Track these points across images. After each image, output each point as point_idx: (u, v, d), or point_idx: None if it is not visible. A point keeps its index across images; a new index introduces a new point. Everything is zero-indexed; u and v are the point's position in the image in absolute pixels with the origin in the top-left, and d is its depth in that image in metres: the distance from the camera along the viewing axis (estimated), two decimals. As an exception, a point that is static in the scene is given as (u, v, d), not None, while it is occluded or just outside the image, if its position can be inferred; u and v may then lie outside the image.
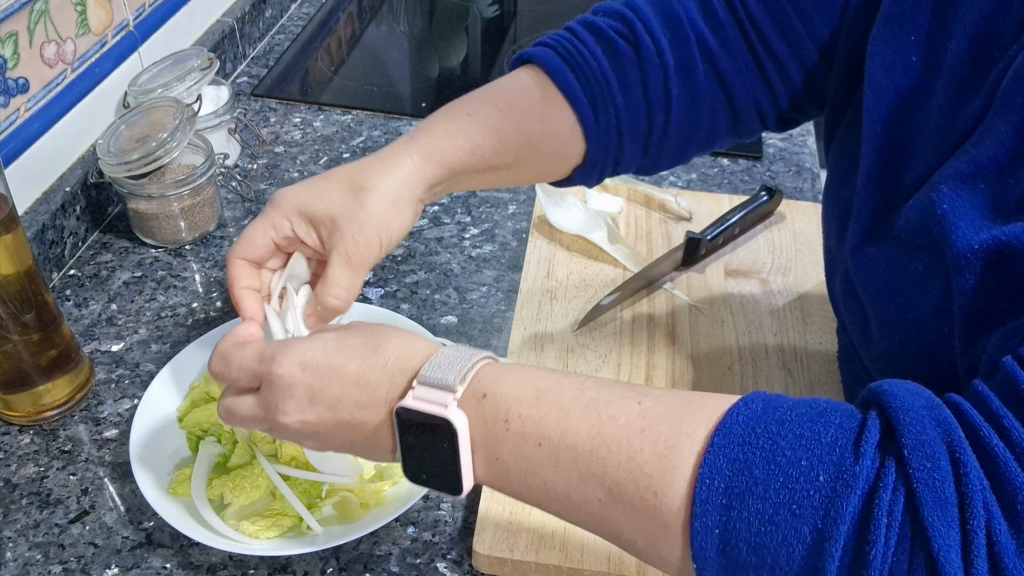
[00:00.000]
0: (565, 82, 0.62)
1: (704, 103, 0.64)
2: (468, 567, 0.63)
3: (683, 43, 0.62)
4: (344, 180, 0.58)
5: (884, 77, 0.55)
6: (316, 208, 0.57)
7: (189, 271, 0.87)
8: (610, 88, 0.62)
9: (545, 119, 0.62)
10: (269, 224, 0.58)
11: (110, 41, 0.93)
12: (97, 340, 0.79)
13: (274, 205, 0.59)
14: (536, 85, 0.62)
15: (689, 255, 0.83)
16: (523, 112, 0.62)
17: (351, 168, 0.59)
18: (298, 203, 0.58)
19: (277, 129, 1.06)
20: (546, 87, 0.62)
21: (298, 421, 0.49)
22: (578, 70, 0.62)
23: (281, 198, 0.59)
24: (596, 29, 0.64)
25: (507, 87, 0.63)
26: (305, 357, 0.49)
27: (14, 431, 0.71)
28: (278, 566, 0.63)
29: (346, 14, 1.31)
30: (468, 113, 0.61)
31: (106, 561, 0.63)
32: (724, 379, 0.73)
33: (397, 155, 0.59)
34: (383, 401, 0.47)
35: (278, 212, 0.58)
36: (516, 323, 0.78)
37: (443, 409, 0.45)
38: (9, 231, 0.64)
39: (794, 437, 0.39)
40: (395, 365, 0.48)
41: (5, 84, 0.79)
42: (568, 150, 0.63)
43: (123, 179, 0.84)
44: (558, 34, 0.65)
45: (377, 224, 0.57)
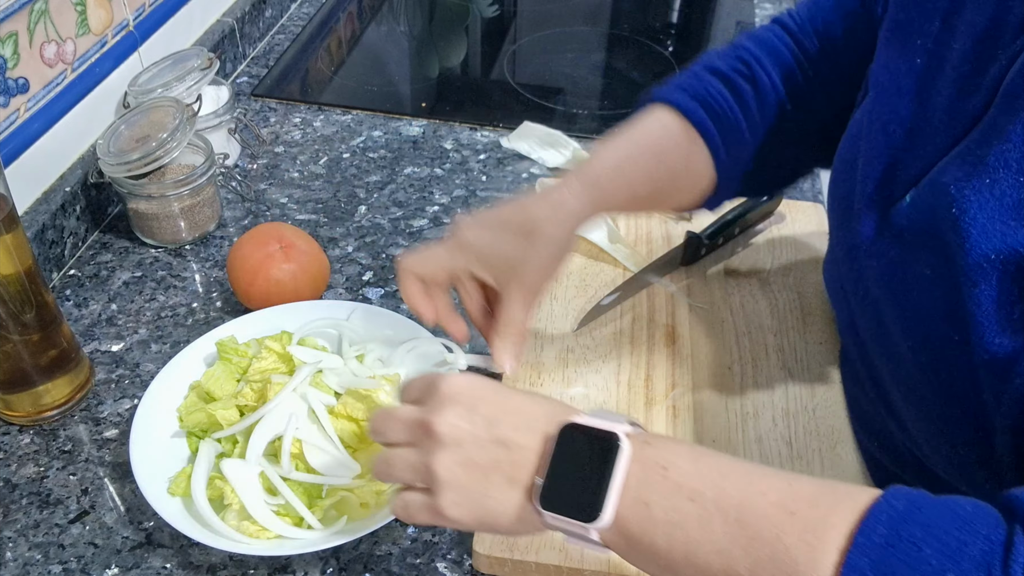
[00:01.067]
0: (703, 126, 0.67)
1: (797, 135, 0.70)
2: (468, 567, 0.63)
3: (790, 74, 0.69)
4: (522, 229, 0.61)
5: (888, 79, 0.56)
6: (496, 258, 0.62)
7: (189, 271, 0.87)
8: (740, 127, 0.68)
9: (688, 160, 0.67)
10: (450, 258, 0.63)
11: (110, 41, 0.93)
12: (97, 340, 0.79)
13: (461, 246, 0.62)
14: (679, 128, 0.67)
15: (689, 255, 0.83)
16: (672, 156, 0.67)
17: (526, 214, 0.62)
18: (480, 250, 0.62)
19: (277, 129, 1.06)
20: (687, 130, 0.67)
21: (451, 426, 0.48)
22: (712, 113, 0.67)
23: (466, 241, 0.62)
24: (717, 71, 0.69)
25: (655, 132, 0.67)
26: (475, 380, 0.50)
27: (14, 431, 0.71)
28: (278, 566, 0.63)
29: (346, 14, 1.31)
30: (628, 158, 0.66)
31: (106, 561, 0.63)
32: (724, 379, 0.73)
33: (567, 203, 0.62)
34: (540, 430, 0.47)
35: (461, 253, 0.62)
36: (516, 323, 0.78)
37: (615, 430, 0.45)
38: (9, 231, 0.64)
39: (939, 545, 0.38)
40: (556, 407, 0.49)
41: (5, 84, 0.79)
42: (703, 184, 0.69)
43: (123, 179, 0.84)
44: (684, 78, 0.70)
45: (549, 270, 0.63)
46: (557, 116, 1.10)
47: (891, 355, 0.56)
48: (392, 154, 1.02)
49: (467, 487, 0.47)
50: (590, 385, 0.73)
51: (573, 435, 0.46)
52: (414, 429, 0.49)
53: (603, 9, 1.38)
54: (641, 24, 1.33)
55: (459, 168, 1.00)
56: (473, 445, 0.48)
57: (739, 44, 0.72)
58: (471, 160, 1.01)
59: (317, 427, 0.65)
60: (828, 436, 0.69)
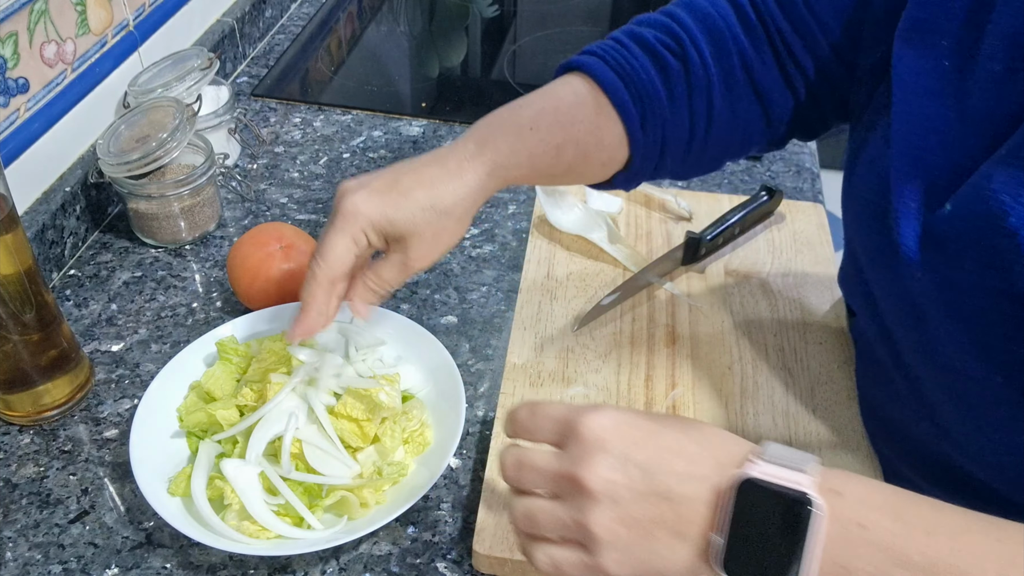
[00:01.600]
0: (619, 96, 0.63)
1: (741, 113, 0.65)
2: (468, 567, 0.63)
3: (725, 55, 0.64)
4: (417, 197, 0.58)
5: (913, 80, 0.54)
6: (393, 226, 0.58)
7: (189, 271, 0.87)
8: (660, 102, 0.63)
9: (599, 132, 0.63)
10: (351, 240, 0.58)
11: (110, 41, 0.93)
12: (97, 340, 0.79)
13: (349, 218, 0.58)
14: (591, 97, 0.63)
15: (689, 255, 0.83)
16: (581, 126, 0.62)
17: (422, 181, 0.59)
18: (374, 219, 0.58)
19: (277, 129, 1.06)
20: (600, 100, 0.63)
21: (604, 480, 0.44)
22: (630, 84, 0.63)
23: (356, 211, 0.58)
24: (644, 42, 0.64)
25: (564, 99, 0.63)
26: (619, 414, 0.46)
27: (14, 431, 0.71)
28: (278, 566, 0.63)
29: (346, 14, 1.31)
30: (531, 127, 0.61)
31: (106, 561, 0.63)
32: (724, 379, 0.73)
33: (465, 171, 0.59)
34: (708, 480, 0.43)
35: (357, 226, 0.58)
36: (516, 323, 0.78)
37: (802, 485, 0.41)
38: (9, 231, 0.64)
39: None
40: (717, 441, 0.45)
41: (5, 84, 0.79)
42: (615, 159, 0.65)
43: (123, 179, 0.84)
44: (606, 45, 0.65)
45: (442, 242, 0.60)
46: (557, 116, 1.10)
47: (943, 368, 0.53)
48: (392, 154, 1.02)
49: (630, 545, 0.43)
50: (590, 385, 0.73)
51: (754, 494, 0.41)
52: (559, 482, 0.45)
53: (603, 9, 1.38)
54: (641, 24, 1.33)
55: (459, 168, 1.00)
56: (632, 501, 0.43)
57: (673, 13, 0.66)
58: (471, 160, 1.01)
59: (317, 427, 0.65)
60: (828, 436, 0.69)
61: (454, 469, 0.69)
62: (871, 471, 0.66)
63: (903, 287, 0.54)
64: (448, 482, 0.68)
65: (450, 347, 0.76)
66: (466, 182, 0.59)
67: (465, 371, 0.76)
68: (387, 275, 0.60)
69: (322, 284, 0.59)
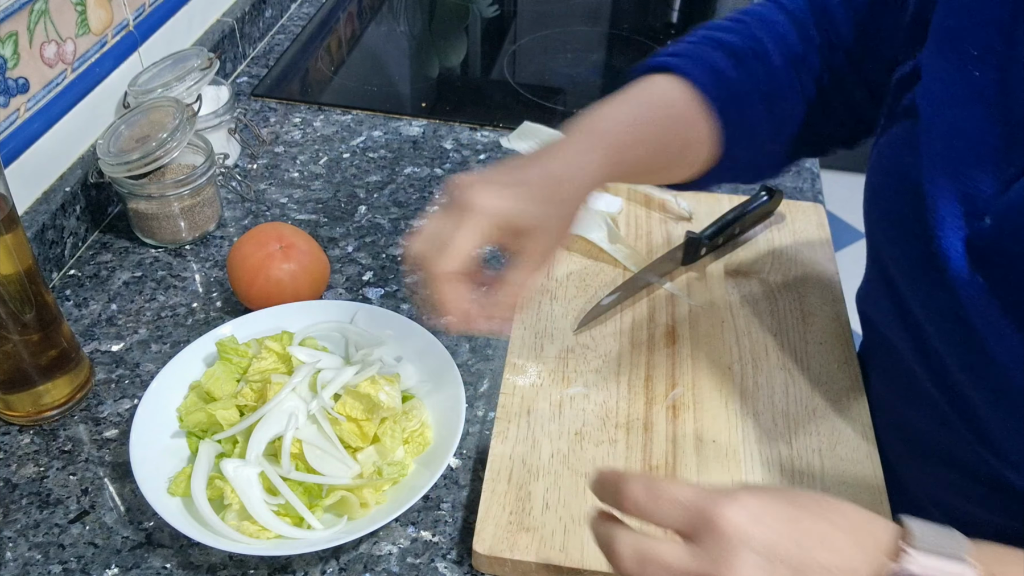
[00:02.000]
0: (710, 94, 0.64)
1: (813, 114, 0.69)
2: (468, 567, 0.63)
3: (797, 58, 0.67)
4: (543, 190, 0.56)
5: (943, 90, 0.54)
6: (521, 220, 0.55)
7: (189, 271, 0.87)
8: (750, 107, 0.65)
9: (697, 132, 0.64)
10: (474, 235, 0.54)
11: (110, 41, 0.93)
12: (97, 340, 0.79)
13: (479, 214, 0.54)
14: (683, 95, 0.64)
15: (689, 255, 0.83)
16: (681, 126, 0.64)
17: (546, 174, 0.57)
18: (503, 213, 0.54)
19: (277, 129, 1.06)
20: (692, 98, 0.64)
21: None
22: (719, 83, 0.64)
23: (485, 205, 0.54)
24: (724, 44, 0.66)
25: (660, 97, 0.64)
26: (759, 502, 0.42)
27: (14, 431, 0.71)
28: (278, 566, 0.63)
29: (346, 14, 1.31)
30: (644, 122, 0.62)
31: (106, 561, 0.63)
32: (724, 379, 0.73)
33: (586, 164, 0.58)
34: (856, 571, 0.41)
35: (485, 221, 0.54)
36: (516, 323, 0.78)
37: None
38: (9, 231, 0.64)
39: None
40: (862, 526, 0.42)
41: (5, 84, 0.79)
42: (702, 157, 0.66)
43: (123, 179, 0.84)
44: (686, 47, 0.67)
45: (564, 234, 0.59)
46: (557, 116, 1.10)
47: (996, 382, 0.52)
48: (392, 154, 1.02)
49: None
50: (590, 385, 0.73)
51: None
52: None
53: (603, 9, 1.38)
54: (641, 24, 1.33)
55: (459, 168, 1.00)
56: None
57: (743, 20, 0.68)
58: (471, 160, 1.01)
59: (317, 427, 0.65)
60: (828, 436, 0.69)
61: (454, 469, 0.69)
62: (871, 471, 0.66)
63: (951, 303, 0.52)
64: (448, 482, 0.68)
65: (450, 347, 0.76)
66: (587, 173, 0.58)
67: (465, 371, 0.76)
68: (518, 278, 0.56)
69: (452, 281, 0.55)
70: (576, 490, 0.65)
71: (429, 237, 0.55)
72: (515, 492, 0.64)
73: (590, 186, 0.58)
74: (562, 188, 0.57)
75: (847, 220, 2.44)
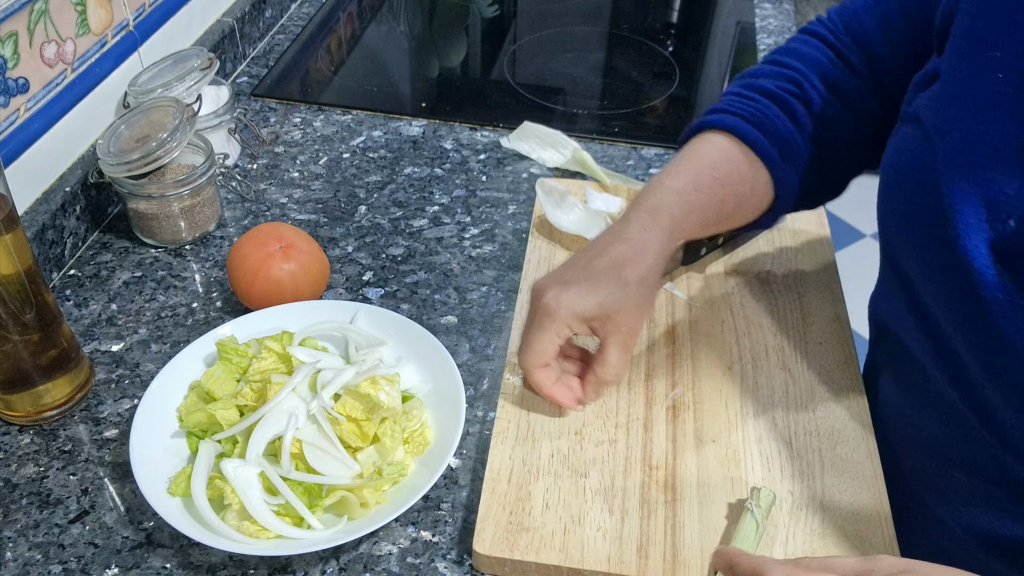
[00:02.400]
0: (760, 146, 0.69)
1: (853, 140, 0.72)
2: (468, 567, 0.63)
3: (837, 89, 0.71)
4: (611, 278, 0.64)
5: (965, 93, 0.53)
6: (593, 312, 0.63)
7: (189, 271, 0.87)
8: (795, 143, 0.70)
9: (751, 182, 0.69)
10: (555, 336, 0.64)
11: (110, 41, 0.93)
12: (97, 340, 0.79)
13: (555, 318, 0.63)
14: (737, 151, 0.69)
15: (689, 255, 0.83)
16: (736, 179, 0.69)
17: (614, 263, 0.64)
18: (577, 312, 0.63)
19: (277, 129, 1.06)
20: (745, 152, 0.69)
21: None
22: (767, 132, 0.69)
23: (559, 309, 0.63)
24: (766, 91, 0.71)
25: (716, 157, 0.69)
26: None
27: (14, 431, 0.71)
28: (278, 566, 0.63)
29: (346, 14, 1.31)
30: (695, 188, 0.67)
31: (106, 561, 0.63)
32: (724, 379, 0.73)
33: (648, 242, 0.65)
34: None
35: (562, 323, 0.64)
36: (516, 323, 0.78)
37: None
38: (9, 231, 0.64)
39: None
40: None
41: (5, 84, 0.79)
42: (764, 202, 0.72)
43: (123, 179, 0.84)
44: (732, 101, 0.72)
45: (644, 311, 0.66)
46: (557, 116, 1.10)
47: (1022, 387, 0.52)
48: (392, 154, 1.02)
49: None
50: (590, 385, 0.73)
51: None
52: None
53: (603, 9, 1.38)
54: (641, 24, 1.33)
55: (459, 168, 1.00)
56: None
57: (780, 61, 0.73)
58: (471, 160, 1.01)
59: (317, 427, 0.65)
60: (828, 436, 0.69)
61: (454, 469, 0.69)
62: (871, 471, 0.66)
63: (975, 306, 0.52)
64: (448, 482, 0.68)
65: (450, 347, 0.76)
66: (652, 252, 0.64)
67: (465, 371, 0.76)
68: (613, 360, 0.65)
69: (543, 372, 0.66)
70: (576, 490, 0.65)
71: (524, 346, 0.66)
72: (515, 492, 0.64)
73: (654, 263, 0.65)
74: (628, 271, 0.64)
75: (847, 220, 2.44)
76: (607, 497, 0.64)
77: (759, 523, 0.61)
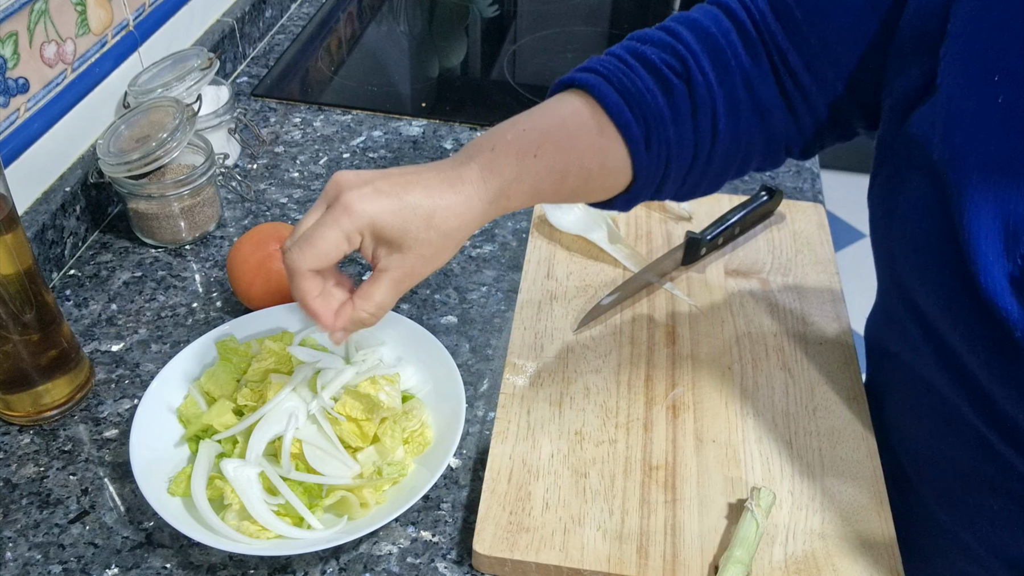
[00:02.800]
0: (623, 118, 0.60)
1: (743, 133, 0.63)
2: (468, 567, 0.63)
3: (728, 74, 0.61)
4: (420, 211, 0.55)
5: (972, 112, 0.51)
6: (392, 232, 0.54)
7: (189, 271, 0.87)
8: (665, 125, 0.61)
9: (603, 155, 0.60)
10: (344, 237, 0.54)
11: (110, 41, 0.93)
12: (97, 340, 0.79)
13: (350, 214, 0.54)
14: (594, 119, 0.60)
15: (689, 255, 0.83)
16: (585, 151, 0.60)
17: (430, 196, 0.55)
18: (375, 220, 0.54)
19: (277, 129, 1.06)
20: (603, 122, 0.60)
21: None
22: (634, 105, 0.60)
23: (359, 208, 0.54)
24: (648, 62, 0.61)
25: (567, 121, 0.60)
26: None
27: (14, 431, 0.71)
28: (278, 566, 0.63)
29: (346, 14, 1.31)
30: (535, 154, 0.58)
31: (106, 561, 0.63)
32: (724, 379, 0.73)
33: (471, 197, 0.56)
34: None
35: (355, 224, 0.54)
36: (516, 323, 0.78)
37: None
38: (9, 231, 0.64)
39: None
40: None
41: (5, 84, 0.79)
42: (618, 183, 0.62)
43: (123, 179, 0.84)
44: (607, 62, 0.62)
45: (435, 262, 0.57)
46: (557, 116, 1.10)
47: None
48: (392, 154, 1.02)
49: None
50: (590, 385, 0.73)
51: None
52: None
53: (603, 9, 1.38)
54: (641, 24, 1.33)
55: (459, 168, 1.00)
56: None
57: (674, 30, 0.63)
58: (471, 160, 1.01)
59: (317, 427, 0.65)
60: (828, 436, 0.69)
61: (454, 469, 0.69)
62: (871, 471, 0.66)
63: (997, 334, 0.50)
64: (448, 482, 0.68)
65: (450, 347, 0.76)
66: (471, 207, 0.56)
67: (465, 371, 0.76)
68: (379, 296, 0.56)
69: (312, 279, 0.56)
70: (576, 490, 0.65)
71: (300, 231, 0.55)
72: (515, 492, 0.64)
73: (474, 222, 0.57)
74: (442, 216, 0.55)
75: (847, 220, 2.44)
76: (607, 497, 0.64)
77: (759, 523, 0.61)
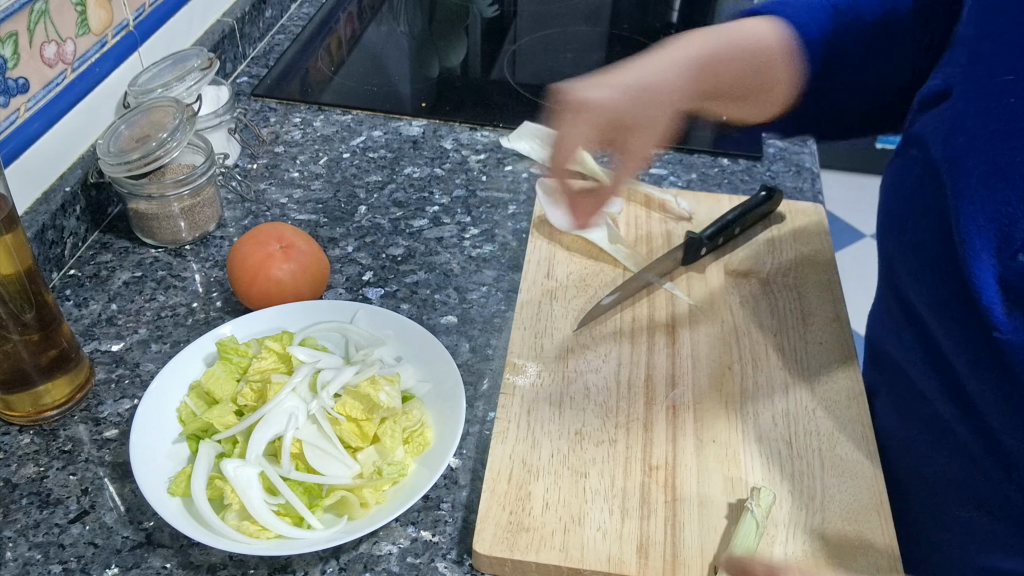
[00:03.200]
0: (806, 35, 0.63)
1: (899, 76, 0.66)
2: (468, 567, 0.63)
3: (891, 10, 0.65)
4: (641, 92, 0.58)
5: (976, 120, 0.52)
6: (626, 117, 0.57)
7: (189, 271, 0.87)
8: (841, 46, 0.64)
9: (785, 64, 0.64)
10: (584, 135, 0.57)
11: (110, 41, 0.93)
12: (97, 340, 0.79)
13: (586, 109, 0.57)
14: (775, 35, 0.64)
15: (689, 255, 0.83)
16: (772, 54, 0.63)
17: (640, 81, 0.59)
18: (609, 108, 0.57)
19: (277, 129, 1.06)
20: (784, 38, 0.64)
21: None
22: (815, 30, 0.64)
23: (593, 103, 0.57)
24: None
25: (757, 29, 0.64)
26: None
27: (14, 431, 0.71)
28: (278, 566, 0.63)
29: (346, 14, 1.31)
30: (742, 47, 0.62)
31: (106, 561, 0.63)
32: (724, 379, 0.73)
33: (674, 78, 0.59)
34: None
35: (593, 118, 0.57)
36: (516, 323, 0.78)
37: None
38: (9, 231, 0.64)
39: None
40: None
41: (5, 84, 0.79)
42: (789, 96, 0.65)
43: (123, 179, 0.84)
44: None
45: (666, 136, 0.60)
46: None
47: None
48: (392, 154, 1.02)
49: None
50: (590, 385, 0.73)
51: None
52: None
53: (603, 9, 1.38)
54: (641, 24, 1.33)
55: (459, 168, 1.00)
56: None
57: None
58: (471, 160, 1.01)
59: (317, 427, 0.65)
60: (828, 436, 0.69)
61: (454, 469, 0.69)
62: (871, 471, 0.66)
63: (987, 343, 0.50)
64: (448, 482, 0.68)
65: (450, 347, 0.76)
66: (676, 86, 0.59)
67: (465, 371, 0.76)
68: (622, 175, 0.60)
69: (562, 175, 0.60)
70: (576, 490, 0.65)
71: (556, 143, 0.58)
72: (515, 492, 0.64)
73: (680, 96, 0.60)
74: (656, 93, 0.58)
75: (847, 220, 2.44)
76: (607, 497, 0.64)
77: (759, 523, 0.61)
